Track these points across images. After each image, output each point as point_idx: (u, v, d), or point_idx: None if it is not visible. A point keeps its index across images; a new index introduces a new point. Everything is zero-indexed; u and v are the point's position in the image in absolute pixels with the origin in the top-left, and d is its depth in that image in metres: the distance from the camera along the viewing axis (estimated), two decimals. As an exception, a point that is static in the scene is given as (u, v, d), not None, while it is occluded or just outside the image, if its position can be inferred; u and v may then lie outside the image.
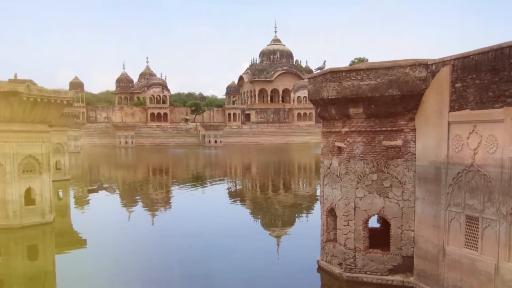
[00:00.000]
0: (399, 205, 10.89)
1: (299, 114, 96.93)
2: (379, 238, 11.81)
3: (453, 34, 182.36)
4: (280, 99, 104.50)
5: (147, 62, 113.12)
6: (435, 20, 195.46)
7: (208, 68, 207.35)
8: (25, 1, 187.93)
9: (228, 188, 31.55)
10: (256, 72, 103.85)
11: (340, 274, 11.56)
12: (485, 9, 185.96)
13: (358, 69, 10.77)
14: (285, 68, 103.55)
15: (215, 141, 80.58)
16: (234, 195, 28.49)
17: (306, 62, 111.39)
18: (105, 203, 25.15)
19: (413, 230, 10.78)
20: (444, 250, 9.88)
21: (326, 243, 12.46)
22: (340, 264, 11.74)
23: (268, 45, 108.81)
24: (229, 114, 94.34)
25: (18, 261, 14.78)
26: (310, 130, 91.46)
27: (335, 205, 11.96)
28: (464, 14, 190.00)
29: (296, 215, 21.98)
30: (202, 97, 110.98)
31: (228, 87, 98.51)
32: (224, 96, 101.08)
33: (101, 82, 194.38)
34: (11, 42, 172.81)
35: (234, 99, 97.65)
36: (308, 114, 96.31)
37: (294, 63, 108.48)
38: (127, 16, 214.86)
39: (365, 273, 11.24)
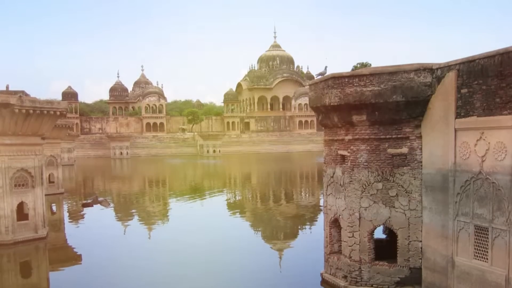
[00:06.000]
0: (405, 215, 10.57)
1: (300, 122, 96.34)
2: (385, 249, 11.48)
3: (456, 37, 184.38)
4: (281, 106, 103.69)
5: (142, 70, 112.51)
6: (437, 22, 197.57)
7: (205, 75, 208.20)
8: (17, 10, 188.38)
9: (227, 200, 31.11)
10: (255, 79, 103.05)
11: (345, 287, 11.21)
12: (487, 11, 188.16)
13: (361, 74, 10.52)
14: (285, 75, 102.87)
15: (214, 151, 79.97)
16: (234, 206, 28.04)
17: (307, 68, 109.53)
18: (100, 217, 24.65)
19: (421, 241, 10.45)
20: (453, 261, 9.58)
21: (330, 255, 12.11)
22: (345, 277, 11.38)
23: (267, 51, 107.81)
24: (228, 122, 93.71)
25: (10, 279, 14.36)
26: (311, 138, 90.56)
27: (339, 215, 11.62)
28: (466, 16, 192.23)
29: (299, 227, 21.55)
30: (199, 105, 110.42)
31: (226, 95, 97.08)
32: (223, 104, 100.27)
33: (95, 91, 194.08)
34: (3, 52, 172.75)
35: (232, 107, 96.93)
36: (309, 122, 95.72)
37: (295, 69, 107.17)
38: (122, 24, 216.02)
39: (371, 286, 10.89)
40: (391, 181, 10.63)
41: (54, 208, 27.89)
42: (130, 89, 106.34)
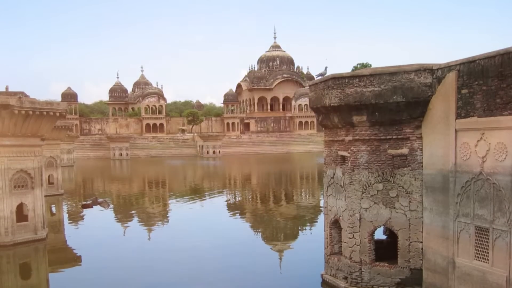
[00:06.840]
0: (406, 215, 10.54)
1: (300, 122, 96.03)
2: (385, 250, 11.45)
3: (456, 37, 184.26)
4: (281, 107, 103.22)
5: (142, 70, 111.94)
6: (437, 22, 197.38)
7: (205, 76, 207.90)
8: (16, 11, 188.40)
9: (227, 201, 31.06)
10: (255, 79, 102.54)
11: (346, 288, 11.17)
12: (487, 11, 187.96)
13: (361, 75, 10.51)
14: (285, 75, 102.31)
15: (214, 152, 79.83)
16: (233, 207, 27.99)
17: (308, 68, 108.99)
18: (100, 218, 24.60)
19: (421, 242, 10.42)
20: (453, 262, 9.55)
21: (331, 256, 12.08)
22: (345, 278, 11.35)
23: (266, 52, 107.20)
24: (228, 123, 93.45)
25: (10, 280, 14.32)
26: (312, 139, 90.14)
27: (340, 216, 11.60)
28: (466, 16, 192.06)
29: (299, 228, 21.52)
30: (199, 105, 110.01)
31: (225, 95, 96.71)
32: (222, 104, 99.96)
33: (94, 92, 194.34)
34: (2, 53, 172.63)
35: (232, 108, 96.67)
36: (309, 123, 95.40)
37: (295, 69, 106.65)
38: (121, 25, 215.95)
39: (372, 287, 10.85)
40: (392, 182, 10.61)
41: (53, 209, 27.83)
42: (129, 90, 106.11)
